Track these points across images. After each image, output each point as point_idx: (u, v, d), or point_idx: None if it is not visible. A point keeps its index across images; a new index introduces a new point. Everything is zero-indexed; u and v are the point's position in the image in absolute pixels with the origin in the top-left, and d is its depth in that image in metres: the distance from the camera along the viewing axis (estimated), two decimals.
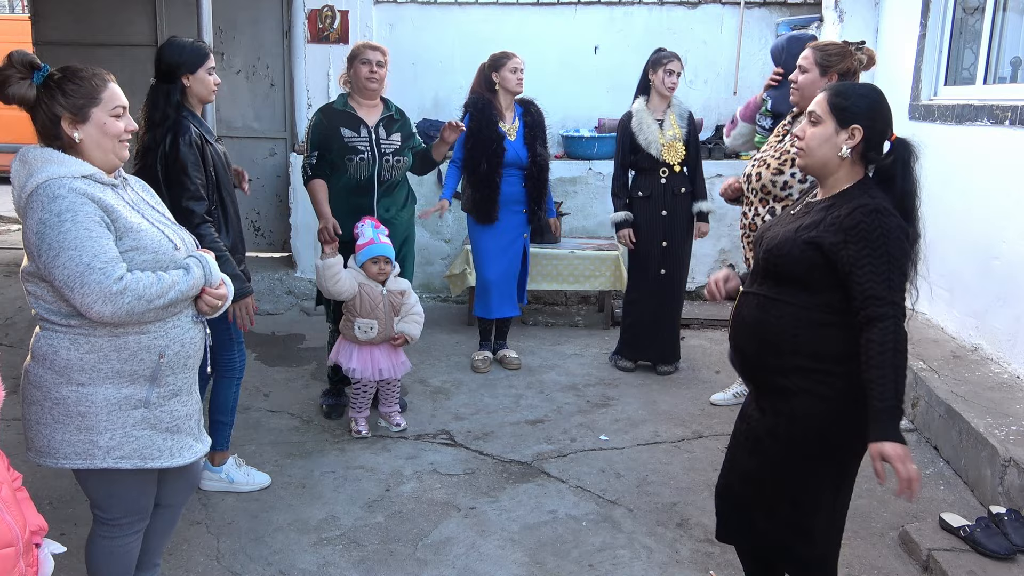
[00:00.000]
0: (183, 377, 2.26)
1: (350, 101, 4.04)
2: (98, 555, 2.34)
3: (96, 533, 2.34)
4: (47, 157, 2.09)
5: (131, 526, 2.33)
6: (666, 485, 3.58)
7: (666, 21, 6.57)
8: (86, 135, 2.12)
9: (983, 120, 4.32)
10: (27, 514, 1.95)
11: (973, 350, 4.37)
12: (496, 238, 4.81)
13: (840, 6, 5.89)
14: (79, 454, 2.13)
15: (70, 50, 6.85)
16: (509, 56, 4.69)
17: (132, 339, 2.13)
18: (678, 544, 3.13)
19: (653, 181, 4.78)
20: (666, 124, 4.75)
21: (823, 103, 2.18)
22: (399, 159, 4.08)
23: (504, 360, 5.04)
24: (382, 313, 3.85)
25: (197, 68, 3.14)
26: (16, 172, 2.12)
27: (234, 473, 3.44)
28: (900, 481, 1.97)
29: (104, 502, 2.29)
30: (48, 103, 2.10)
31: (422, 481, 3.58)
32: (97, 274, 2.00)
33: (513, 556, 3.04)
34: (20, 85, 2.09)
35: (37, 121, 2.13)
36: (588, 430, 4.13)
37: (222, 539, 3.11)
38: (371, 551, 3.05)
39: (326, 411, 4.22)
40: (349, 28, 6.41)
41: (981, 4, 4.73)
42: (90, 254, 2.00)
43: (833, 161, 2.17)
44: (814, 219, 2.16)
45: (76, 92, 2.10)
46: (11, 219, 9.69)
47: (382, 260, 3.83)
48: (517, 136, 4.74)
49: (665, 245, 4.82)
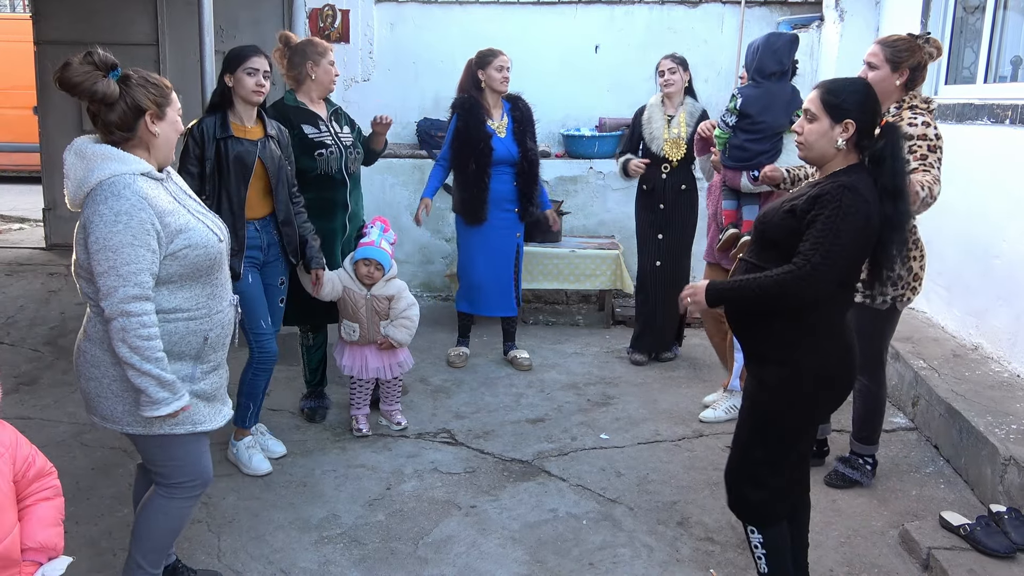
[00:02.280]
0: (220, 353, 2.51)
1: (300, 97, 3.94)
2: (152, 512, 2.49)
3: (157, 495, 2.50)
4: (107, 153, 2.24)
5: (192, 488, 2.51)
6: (666, 484, 3.58)
7: (667, 20, 6.57)
8: (162, 131, 2.32)
9: (984, 119, 4.32)
10: (32, 530, 1.93)
11: (973, 349, 4.37)
12: (486, 238, 4.81)
13: (841, 5, 5.90)
14: (139, 422, 2.32)
15: (71, 49, 6.82)
16: (496, 54, 4.68)
17: (182, 324, 2.34)
18: (678, 543, 3.14)
19: (655, 175, 4.87)
20: (675, 121, 4.82)
21: (816, 102, 2.36)
22: (358, 151, 4.08)
23: (515, 361, 5.02)
24: (364, 317, 3.85)
25: (236, 69, 3.38)
26: (73, 166, 2.25)
27: (241, 452, 3.60)
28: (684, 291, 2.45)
29: (166, 466, 2.46)
30: (134, 98, 2.25)
31: (423, 480, 3.58)
32: (118, 280, 2.18)
33: (514, 554, 3.04)
34: (106, 82, 2.22)
35: (112, 116, 2.25)
36: (589, 429, 4.13)
37: (223, 537, 3.11)
38: (372, 549, 3.06)
39: (308, 415, 4.19)
40: (350, 27, 6.42)
41: (981, 3, 4.73)
42: (123, 260, 2.18)
43: (830, 152, 2.36)
44: (799, 192, 2.36)
45: (156, 92, 2.30)
46: (12, 218, 9.70)
47: (373, 264, 3.83)
48: (507, 133, 4.74)
49: (660, 238, 4.92)
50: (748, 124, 4.00)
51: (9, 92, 11.35)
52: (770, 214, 2.40)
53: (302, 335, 4.22)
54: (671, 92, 4.81)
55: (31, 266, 7.14)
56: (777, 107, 4.00)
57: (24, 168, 11.21)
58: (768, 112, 3.97)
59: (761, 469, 2.44)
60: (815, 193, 2.26)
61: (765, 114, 3.97)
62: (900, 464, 3.75)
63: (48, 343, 5.15)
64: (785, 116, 3.97)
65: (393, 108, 6.52)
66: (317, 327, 4.17)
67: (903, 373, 4.32)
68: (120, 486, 3.41)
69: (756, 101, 3.96)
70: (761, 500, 2.46)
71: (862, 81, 2.46)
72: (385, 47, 6.63)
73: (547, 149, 6.60)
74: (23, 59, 10.58)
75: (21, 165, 11.39)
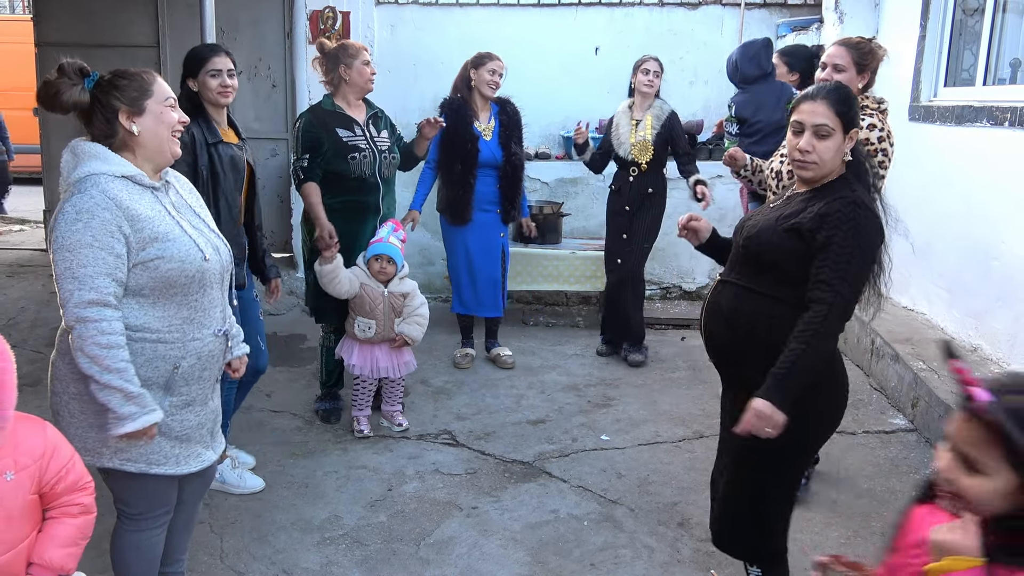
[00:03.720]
0: (197, 388, 2.26)
1: (337, 101, 3.98)
2: (125, 549, 2.33)
3: (121, 528, 2.33)
4: (94, 152, 2.13)
5: (156, 519, 2.33)
6: (667, 485, 3.59)
7: (666, 22, 6.58)
8: (143, 127, 2.16)
9: (983, 121, 4.33)
10: (43, 546, 1.89)
11: (973, 350, 4.38)
12: (470, 238, 4.84)
13: (840, 7, 5.91)
14: (88, 450, 2.15)
15: (72, 51, 6.84)
16: (491, 58, 4.70)
17: (149, 346, 2.14)
18: (679, 543, 3.15)
19: (624, 178, 4.99)
20: (642, 124, 4.89)
21: (831, 115, 2.18)
22: (393, 155, 4.09)
23: (498, 359, 5.05)
24: (381, 314, 3.87)
25: (198, 72, 3.20)
26: (65, 162, 2.17)
27: (227, 474, 3.43)
28: (742, 424, 2.12)
29: (126, 496, 2.29)
30: (104, 101, 2.15)
31: (424, 481, 3.59)
32: (73, 283, 2.03)
33: (515, 555, 3.05)
34: (74, 91, 2.13)
35: (94, 122, 2.17)
36: (589, 430, 4.14)
37: (225, 538, 3.12)
38: (374, 550, 3.07)
39: (323, 416, 4.19)
40: (351, 29, 6.42)
41: (981, 5, 4.74)
42: (79, 262, 2.02)
43: (838, 168, 2.23)
44: (795, 208, 2.21)
45: (129, 87, 2.15)
46: (12, 219, 9.71)
47: (384, 259, 3.85)
48: (492, 135, 4.76)
49: (624, 238, 5.03)
50: (747, 128, 4.09)
51: (8, 94, 11.36)
52: (765, 234, 2.22)
53: (324, 336, 4.22)
54: (649, 93, 4.87)
55: (32, 268, 7.15)
56: (768, 105, 4.12)
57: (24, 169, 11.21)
58: (761, 111, 4.11)
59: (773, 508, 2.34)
60: (821, 212, 2.12)
61: (759, 114, 4.11)
62: (900, 465, 3.77)
63: (50, 344, 5.02)
64: (779, 110, 4.04)
65: (393, 110, 6.49)
66: (340, 329, 4.17)
67: (902, 374, 4.33)
68: None
69: (747, 105, 4.05)
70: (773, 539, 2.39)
71: (847, 87, 2.38)
72: (385, 49, 6.64)
73: (547, 151, 6.62)
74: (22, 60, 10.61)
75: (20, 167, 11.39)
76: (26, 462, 1.85)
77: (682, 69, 6.50)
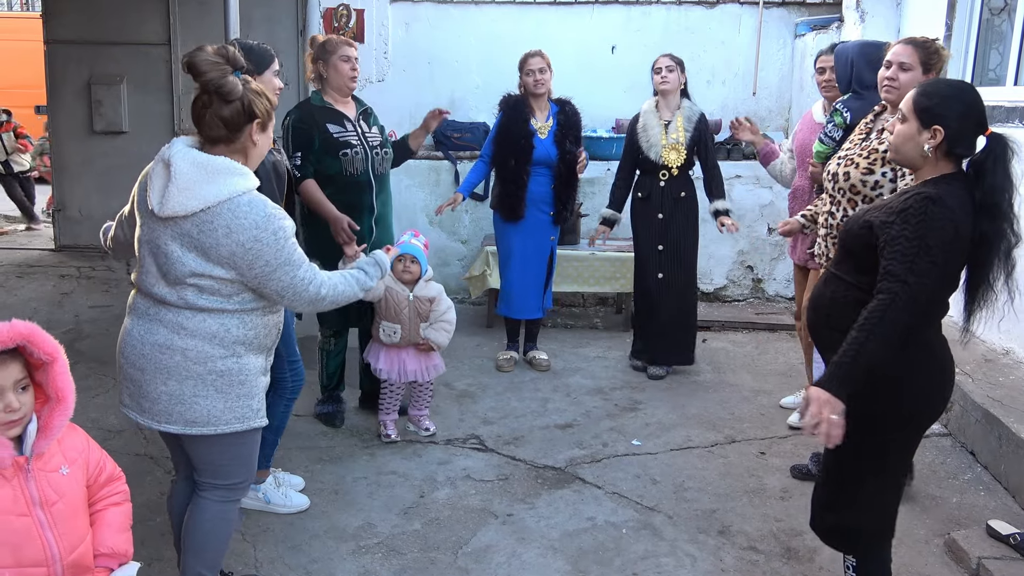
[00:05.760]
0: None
1: (326, 97, 3.88)
2: (211, 520, 2.45)
3: (210, 501, 2.45)
4: (231, 168, 2.20)
5: (245, 487, 2.52)
6: (704, 491, 3.53)
7: (684, 21, 6.53)
8: (260, 143, 2.32)
9: (1015, 122, 4.28)
10: (103, 536, 1.94)
11: (1004, 353, 4.34)
12: (521, 237, 4.77)
13: (862, 6, 5.86)
14: (239, 418, 2.33)
15: (82, 48, 6.80)
16: (526, 59, 4.67)
17: (272, 317, 2.41)
18: (722, 552, 3.09)
19: (652, 183, 4.78)
20: (672, 126, 4.71)
21: (909, 103, 2.24)
22: (385, 151, 4.01)
23: (533, 361, 5.00)
24: (406, 318, 3.80)
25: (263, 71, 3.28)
26: (186, 174, 2.14)
27: (272, 494, 3.32)
28: (807, 419, 2.09)
29: (231, 466, 2.43)
30: (253, 103, 2.24)
31: (456, 487, 3.53)
32: (306, 286, 2.33)
33: (555, 564, 2.99)
34: (233, 81, 2.21)
35: (227, 110, 2.20)
36: (619, 434, 4.08)
37: (259, 547, 3.06)
38: (411, 559, 3.00)
39: (325, 419, 4.11)
40: (365, 27, 6.36)
41: (1009, 5, 4.69)
42: (303, 269, 2.31)
43: (917, 158, 2.24)
44: (886, 203, 2.25)
45: (268, 105, 2.30)
46: (16, 219, 9.60)
47: (408, 258, 3.78)
48: (548, 134, 4.70)
49: (661, 249, 4.79)
50: None
51: (11, 91, 11.28)
52: (851, 223, 2.32)
53: (323, 340, 4.15)
54: (666, 90, 4.69)
55: (41, 268, 7.05)
56: None
57: None
58: None
59: (867, 489, 2.30)
60: (899, 207, 2.13)
61: None
62: (937, 471, 3.71)
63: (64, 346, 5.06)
64: None
65: (408, 109, 6.48)
66: (339, 332, 4.12)
67: None
68: (149, 494, 3.33)
69: (862, 113, 3.76)
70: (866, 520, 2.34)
71: (966, 86, 2.29)
72: (400, 47, 6.58)
73: None
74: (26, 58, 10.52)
75: None
76: (73, 456, 1.91)
77: (700, 68, 6.43)
